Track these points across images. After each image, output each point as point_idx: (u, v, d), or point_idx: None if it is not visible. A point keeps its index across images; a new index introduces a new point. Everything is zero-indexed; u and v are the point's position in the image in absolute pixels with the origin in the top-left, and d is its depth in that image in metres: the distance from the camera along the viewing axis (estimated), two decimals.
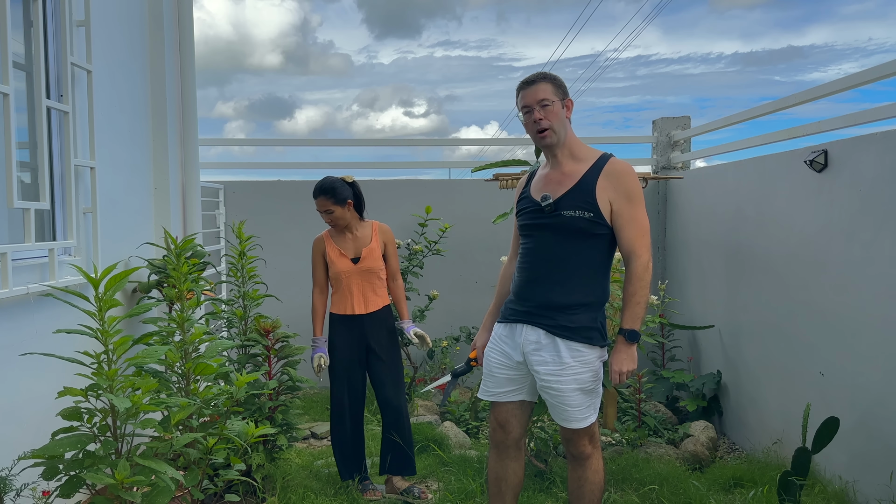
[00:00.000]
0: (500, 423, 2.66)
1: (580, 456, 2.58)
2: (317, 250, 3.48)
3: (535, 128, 2.49)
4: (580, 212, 2.42)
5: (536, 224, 2.52)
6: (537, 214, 2.51)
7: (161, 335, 2.67)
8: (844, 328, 3.26)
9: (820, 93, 3.74)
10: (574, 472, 2.62)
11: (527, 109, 2.49)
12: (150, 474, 2.01)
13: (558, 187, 2.49)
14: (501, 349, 2.61)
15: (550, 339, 2.47)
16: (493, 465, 2.71)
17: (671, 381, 4.66)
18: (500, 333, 2.64)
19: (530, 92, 2.49)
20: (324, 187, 3.40)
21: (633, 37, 59.81)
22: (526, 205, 2.58)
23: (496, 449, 2.70)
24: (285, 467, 3.49)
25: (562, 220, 2.45)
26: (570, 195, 2.45)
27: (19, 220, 2.67)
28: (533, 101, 2.47)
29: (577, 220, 2.43)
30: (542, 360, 2.48)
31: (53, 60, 2.95)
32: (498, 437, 2.68)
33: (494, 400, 2.65)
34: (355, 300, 3.43)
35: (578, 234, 2.45)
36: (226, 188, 5.62)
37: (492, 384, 2.64)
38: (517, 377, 2.59)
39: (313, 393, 5.26)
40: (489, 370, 2.65)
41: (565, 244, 2.47)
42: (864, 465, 3.10)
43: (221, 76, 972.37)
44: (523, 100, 2.51)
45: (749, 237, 4.18)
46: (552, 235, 2.48)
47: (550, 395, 2.51)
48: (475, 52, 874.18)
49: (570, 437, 2.58)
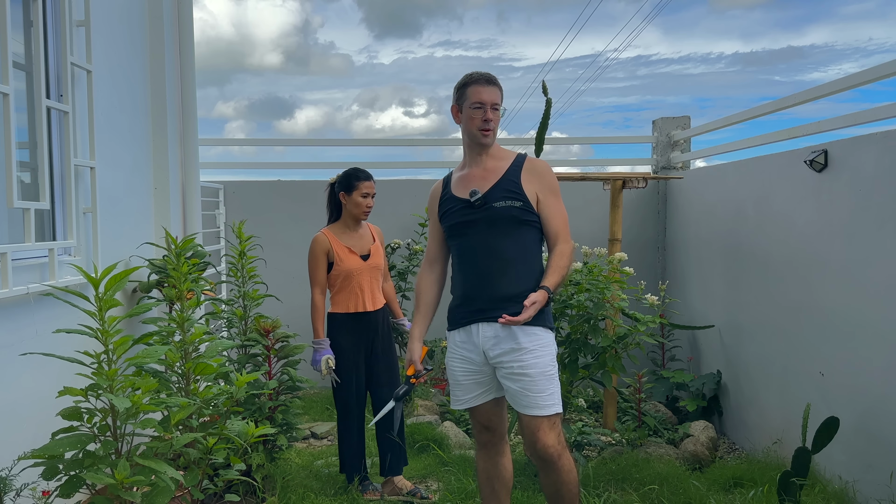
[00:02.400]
0: (484, 426, 2.67)
1: (549, 457, 2.49)
2: (321, 249, 3.42)
3: (483, 125, 2.56)
4: (510, 202, 2.53)
5: (468, 221, 2.56)
6: (467, 211, 2.56)
7: (161, 335, 2.67)
8: (844, 328, 3.26)
9: (820, 93, 3.74)
10: (547, 477, 2.54)
11: (478, 105, 2.55)
12: (150, 474, 2.01)
13: (483, 182, 2.57)
14: (461, 356, 2.61)
15: (507, 329, 2.50)
16: (484, 465, 2.71)
17: (671, 381, 4.66)
18: (456, 341, 2.64)
19: (488, 91, 2.56)
20: (369, 173, 3.46)
21: (633, 37, 59.84)
22: (452, 205, 2.62)
23: (484, 449, 2.71)
24: (285, 467, 3.49)
25: (494, 212, 2.53)
26: (498, 188, 2.55)
27: (19, 220, 2.67)
28: (489, 100, 2.55)
29: (508, 209, 2.52)
30: (502, 351, 2.50)
31: (53, 60, 2.95)
32: (484, 438, 2.69)
33: (468, 406, 2.65)
34: (366, 297, 3.43)
35: (511, 223, 2.53)
36: (226, 188, 5.62)
37: (461, 392, 2.65)
38: (483, 380, 2.60)
39: (313, 393, 5.26)
40: (455, 380, 2.65)
41: (500, 235, 2.53)
42: (864, 465, 3.10)
43: (221, 76, 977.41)
44: (478, 95, 2.55)
45: (749, 237, 4.18)
46: (487, 228, 2.54)
47: (514, 381, 2.49)
48: (475, 52, 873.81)
49: (534, 437, 2.49)
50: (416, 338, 2.72)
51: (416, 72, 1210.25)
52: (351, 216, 3.47)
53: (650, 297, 3.87)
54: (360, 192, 3.42)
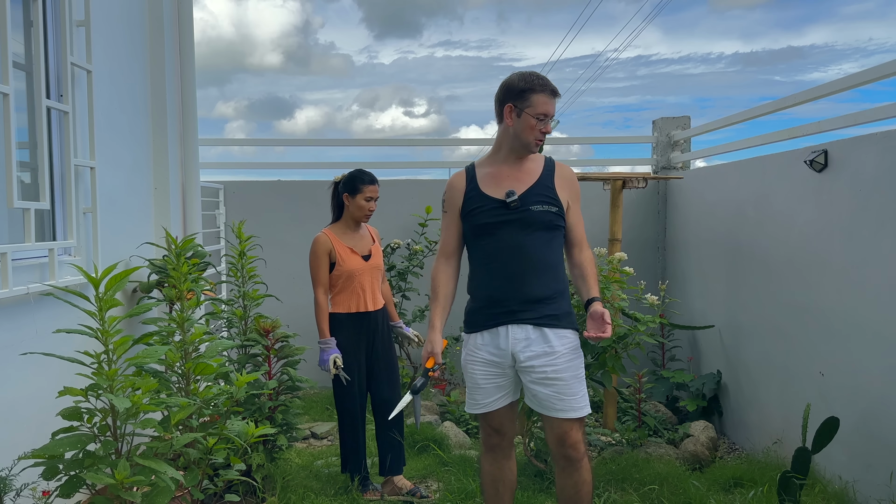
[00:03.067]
0: (495, 429, 2.63)
1: (575, 457, 2.52)
2: (322, 250, 3.40)
3: (540, 137, 2.52)
4: (547, 206, 2.52)
5: (501, 221, 2.52)
6: (501, 211, 2.51)
7: (161, 335, 2.67)
8: (844, 328, 3.26)
9: (820, 93, 3.74)
10: (570, 477, 2.55)
11: (542, 117, 2.49)
12: (150, 474, 2.01)
13: (518, 184, 2.54)
14: (483, 359, 2.56)
15: (539, 331, 2.48)
16: (489, 469, 2.68)
17: (671, 381, 4.66)
18: (477, 343, 2.57)
19: (552, 104, 2.52)
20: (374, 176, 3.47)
21: (633, 37, 59.86)
22: (481, 203, 2.55)
23: (492, 453, 2.67)
24: (285, 467, 3.49)
25: (530, 215, 2.50)
26: (535, 191, 2.53)
27: (19, 220, 2.67)
28: (552, 112, 2.52)
29: (545, 213, 2.51)
30: (534, 354, 2.47)
31: (53, 60, 2.95)
32: (494, 441, 2.65)
33: (488, 410, 2.60)
34: (367, 297, 3.44)
35: (545, 227, 2.52)
36: (226, 188, 5.62)
37: (481, 396, 2.59)
38: (504, 383, 2.56)
39: (313, 393, 5.26)
40: (474, 383, 2.59)
41: (533, 237, 2.51)
42: (864, 465, 3.10)
43: (222, 76, 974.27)
44: (544, 107, 2.49)
45: (749, 237, 4.18)
46: (519, 230, 2.50)
47: (546, 386, 2.47)
48: (476, 52, 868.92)
49: (565, 435, 2.51)
50: (436, 329, 2.62)
51: (417, 72, 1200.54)
52: (352, 218, 3.47)
53: (650, 297, 3.87)
54: (364, 196, 3.42)
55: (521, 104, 2.49)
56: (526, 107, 2.49)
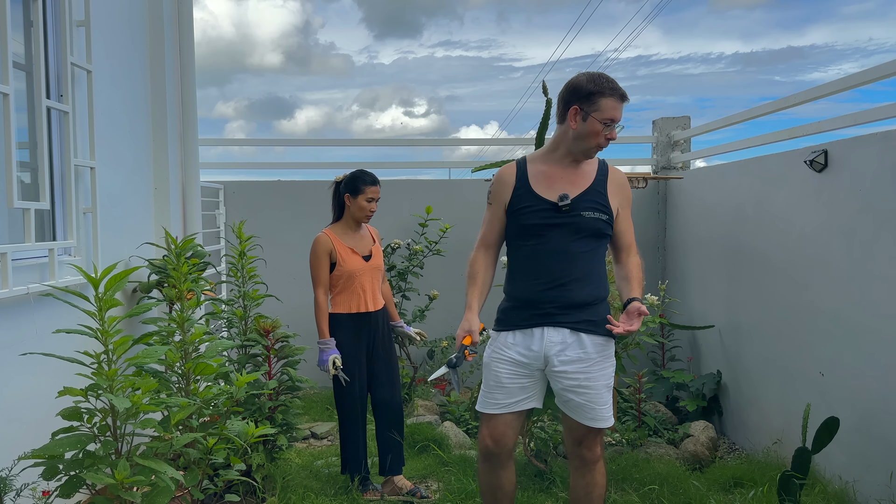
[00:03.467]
0: (494, 438, 2.54)
1: (592, 459, 2.53)
2: (323, 250, 3.40)
3: (603, 143, 2.44)
4: (598, 213, 2.45)
5: (551, 224, 2.45)
6: (551, 214, 2.44)
7: (161, 335, 2.67)
8: (844, 328, 3.26)
9: (820, 93, 3.74)
10: (583, 477, 2.56)
11: (609, 123, 2.41)
12: (150, 474, 2.01)
13: (571, 187, 2.46)
14: (511, 358, 2.49)
15: (576, 336, 2.45)
16: (486, 478, 2.62)
17: (671, 381, 4.66)
18: (507, 342, 2.50)
19: (620, 109, 2.42)
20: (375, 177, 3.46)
21: (633, 37, 59.87)
22: (532, 203, 2.47)
23: (488, 462, 2.59)
24: (285, 467, 3.49)
25: (581, 221, 2.44)
26: (587, 197, 2.46)
27: (19, 220, 2.67)
28: (619, 118, 2.43)
29: (596, 221, 2.45)
30: (568, 359, 2.44)
31: (53, 60, 2.95)
32: (491, 450, 2.56)
33: (502, 412, 2.51)
34: (368, 297, 3.43)
35: (594, 234, 2.47)
36: (226, 188, 5.62)
37: (503, 396, 2.50)
38: (529, 385, 2.51)
39: (313, 393, 5.26)
40: (497, 382, 2.51)
41: (581, 243, 2.45)
42: (864, 465, 3.10)
43: (222, 76, 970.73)
44: (613, 112, 2.40)
45: (749, 237, 4.18)
46: (569, 235, 2.44)
47: (579, 394, 2.45)
48: (476, 52, 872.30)
49: (584, 440, 2.52)
50: (474, 310, 2.52)
51: (417, 72, 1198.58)
52: (353, 218, 3.47)
53: (650, 297, 3.87)
54: (366, 197, 3.42)
55: (589, 107, 2.39)
56: (593, 111, 2.39)
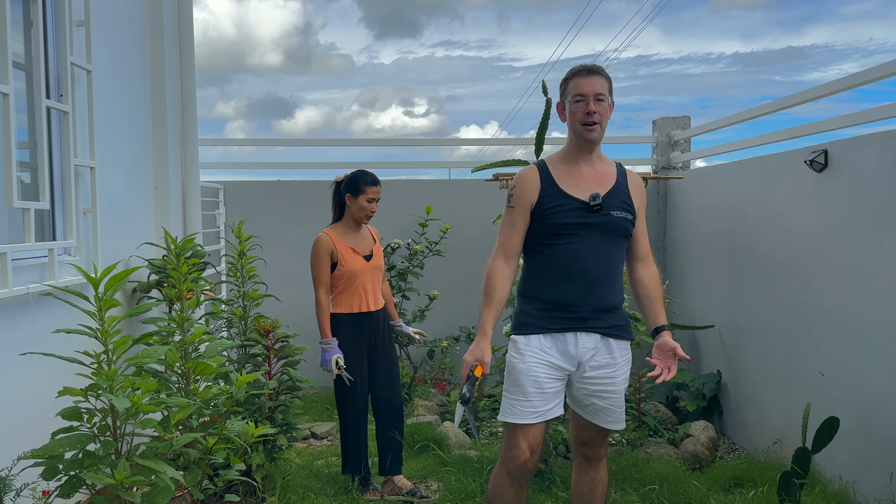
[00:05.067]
0: (532, 449, 2.39)
1: (595, 457, 2.57)
2: (325, 249, 3.39)
3: (586, 119, 2.37)
4: (625, 213, 2.44)
5: (583, 223, 2.39)
6: (583, 213, 2.39)
7: (161, 335, 2.67)
8: (844, 328, 3.26)
9: (820, 93, 3.74)
10: (587, 474, 2.58)
11: (580, 98, 2.37)
12: (150, 474, 2.01)
13: (598, 186, 2.43)
14: (549, 362, 2.40)
15: (605, 341, 2.44)
16: (511, 497, 2.43)
17: (671, 381, 4.66)
18: (543, 345, 2.41)
19: (588, 82, 2.38)
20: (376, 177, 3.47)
21: (633, 37, 59.88)
22: (562, 202, 2.40)
23: (518, 480, 2.42)
24: (285, 467, 3.49)
25: (610, 220, 2.41)
26: (614, 196, 2.43)
27: (19, 220, 2.67)
28: (591, 91, 2.36)
29: (623, 220, 2.43)
30: (597, 365, 2.43)
31: (53, 60, 2.95)
32: (528, 465, 2.40)
33: (538, 421, 2.39)
34: (369, 297, 3.43)
35: (621, 234, 2.45)
36: (226, 188, 5.62)
37: (541, 402, 2.38)
38: (561, 389, 2.46)
39: (313, 393, 5.26)
40: (539, 387, 2.38)
41: (610, 243, 2.43)
42: (864, 465, 3.10)
43: (222, 76, 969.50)
44: (579, 88, 2.37)
45: (749, 237, 4.18)
46: (600, 235, 2.40)
47: (604, 399, 2.45)
48: (476, 52, 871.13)
49: (593, 440, 2.55)
50: (487, 336, 2.39)
51: (417, 72, 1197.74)
52: (353, 218, 3.47)
53: None
54: (367, 197, 3.42)
55: (564, 97, 2.46)
56: (567, 96, 2.43)
